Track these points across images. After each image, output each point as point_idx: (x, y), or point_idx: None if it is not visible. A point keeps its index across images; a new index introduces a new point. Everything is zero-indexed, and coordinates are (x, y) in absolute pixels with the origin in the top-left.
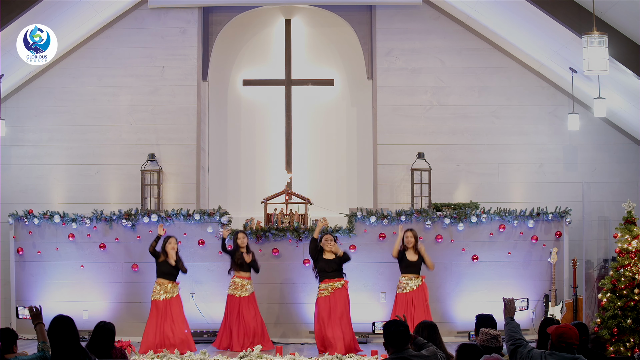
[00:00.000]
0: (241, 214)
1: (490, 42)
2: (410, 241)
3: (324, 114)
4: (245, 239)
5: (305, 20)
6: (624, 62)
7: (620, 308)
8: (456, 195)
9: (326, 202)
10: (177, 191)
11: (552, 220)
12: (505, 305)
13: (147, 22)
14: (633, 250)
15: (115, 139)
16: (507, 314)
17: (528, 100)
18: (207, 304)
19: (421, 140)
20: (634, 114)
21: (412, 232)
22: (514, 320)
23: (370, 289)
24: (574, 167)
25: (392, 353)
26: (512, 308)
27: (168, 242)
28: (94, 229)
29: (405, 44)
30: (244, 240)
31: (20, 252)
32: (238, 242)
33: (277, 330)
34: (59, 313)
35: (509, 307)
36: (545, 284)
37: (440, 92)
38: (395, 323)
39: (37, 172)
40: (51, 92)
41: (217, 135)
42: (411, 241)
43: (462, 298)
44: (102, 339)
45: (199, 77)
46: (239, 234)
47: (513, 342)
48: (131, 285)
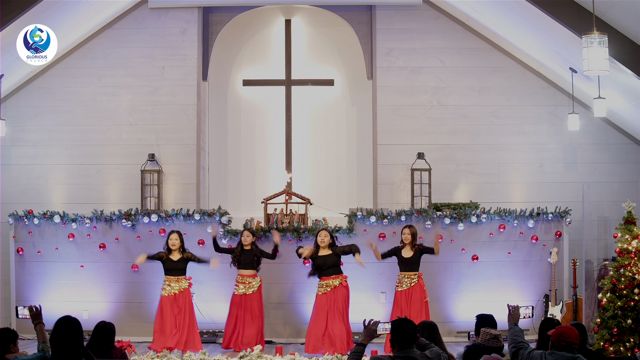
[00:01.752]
0: (241, 214)
1: (490, 42)
2: (407, 238)
3: (324, 114)
4: (249, 237)
5: (305, 20)
6: (624, 62)
7: (620, 308)
8: (456, 195)
9: (326, 202)
10: (177, 191)
11: (552, 220)
12: (509, 311)
13: (147, 22)
14: (633, 250)
15: (115, 139)
16: (511, 320)
17: (528, 100)
18: (207, 304)
19: (421, 140)
20: (634, 114)
21: (410, 229)
22: (517, 325)
23: (370, 289)
24: (574, 167)
25: (398, 351)
26: (517, 315)
27: (169, 238)
28: (94, 229)
29: (405, 44)
30: (247, 239)
31: (20, 252)
32: (242, 239)
33: (277, 330)
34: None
35: (513, 313)
36: (545, 284)
37: (440, 92)
38: (403, 321)
39: (37, 172)
40: (51, 92)
41: (217, 135)
42: (408, 238)
43: (462, 298)
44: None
45: (199, 77)
46: (244, 232)
47: (515, 344)
48: (131, 285)
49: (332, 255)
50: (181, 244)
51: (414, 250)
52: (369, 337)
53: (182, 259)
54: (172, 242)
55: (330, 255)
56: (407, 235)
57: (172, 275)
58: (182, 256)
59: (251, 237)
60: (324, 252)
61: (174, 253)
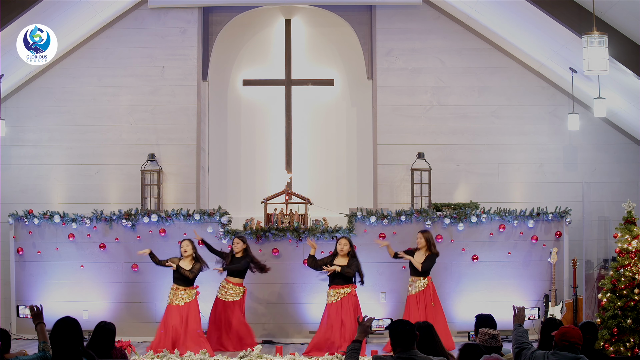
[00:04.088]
0: (241, 214)
1: (490, 42)
2: (421, 242)
3: (324, 114)
4: (238, 244)
5: (305, 20)
6: (624, 62)
7: (620, 308)
8: (456, 195)
9: (326, 202)
10: (177, 191)
11: (552, 220)
12: (514, 312)
13: (147, 22)
14: (633, 250)
15: (115, 139)
16: (516, 321)
17: (528, 100)
18: (207, 304)
19: (421, 140)
20: (634, 114)
21: (423, 234)
22: (522, 326)
23: (370, 289)
24: (574, 167)
25: (399, 352)
26: (522, 316)
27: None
28: (94, 229)
29: (405, 44)
30: (237, 246)
31: (20, 252)
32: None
33: (277, 331)
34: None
35: (518, 315)
36: (545, 284)
37: (440, 92)
38: (401, 322)
39: (37, 172)
40: (51, 92)
41: (217, 135)
42: (422, 242)
43: (462, 298)
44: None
45: (199, 77)
46: (234, 240)
47: (518, 345)
48: (131, 285)
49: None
50: (194, 251)
51: (426, 255)
52: (363, 334)
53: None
54: (184, 249)
55: (344, 266)
56: (421, 239)
57: (177, 284)
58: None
59: (241, 244)
60: (341, 260)
61: (186, 261)
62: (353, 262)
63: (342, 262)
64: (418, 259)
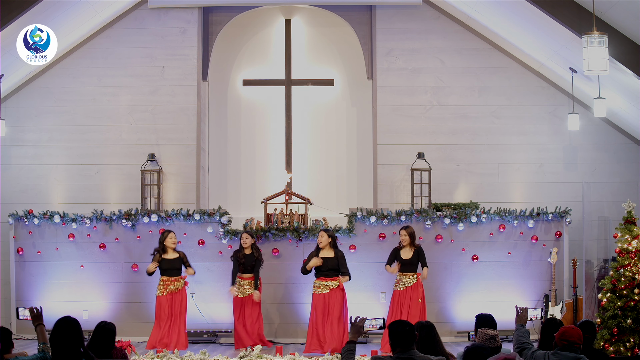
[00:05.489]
0: (241, 214)
1: (490, 42)
2: (405, 239)
3: (324, 114)
4: (248, 239)
5: (305, 20)
6: (624, 62)
7: (620, 308)
8: (456, 195)
9: (326, 202)
10: (177, 191)
11: (552, 220)
12: (517, 313)
13: (147, 22)
14: (633, 250)
15: (115, 139)
16: (519, 322)
17: (528, 100)
18: (207, 304)
19: (421, 140)
20: (634, 114)
21: (406, 230)
22: (524, 327)
23: (369, 289)
24: (574, 167)
25: (398, 352)
26: (524, 317)
27: (168, 237)
28: (94, 229)
29: (405, 44)
30: (247, 241)
31: (20, 252)
32: (241, 243)
33: (277, 330)
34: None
35: (520, 315)
36: (545, 284)
37: (440, 92)
38: (401, 323)
39: (37, 172)
40: (51, 92)
41: (217, 135)
42: (405, 239)
43: (462, 298)
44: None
45: (199, 77)
46: (242, 235)
47: (519, 345)
48: (131, 285)
49: (333, 258)
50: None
51: (413, 251)
52: (356, 334)
53: (178, 259)
54: (173, 241)
55: (332, 258)
56: (405, 236)
57: (169, 275)
58: (178, 255)
59: (250, 238)
60: (326, 253)
61: (170, 252)
62: (337, 252)
63: (328, 255)
64: (406, 255)
